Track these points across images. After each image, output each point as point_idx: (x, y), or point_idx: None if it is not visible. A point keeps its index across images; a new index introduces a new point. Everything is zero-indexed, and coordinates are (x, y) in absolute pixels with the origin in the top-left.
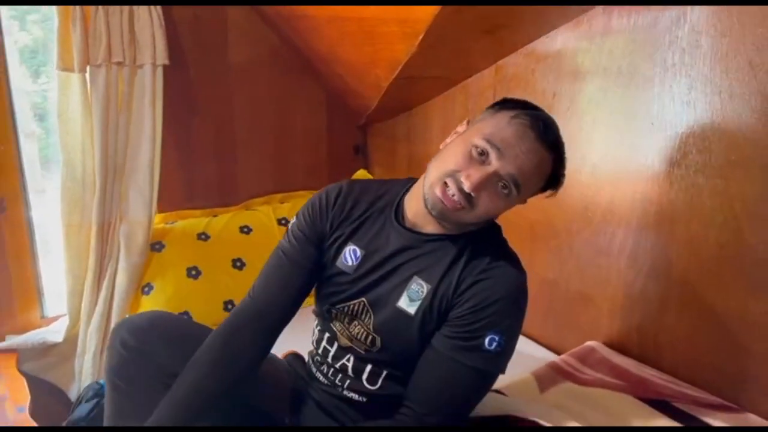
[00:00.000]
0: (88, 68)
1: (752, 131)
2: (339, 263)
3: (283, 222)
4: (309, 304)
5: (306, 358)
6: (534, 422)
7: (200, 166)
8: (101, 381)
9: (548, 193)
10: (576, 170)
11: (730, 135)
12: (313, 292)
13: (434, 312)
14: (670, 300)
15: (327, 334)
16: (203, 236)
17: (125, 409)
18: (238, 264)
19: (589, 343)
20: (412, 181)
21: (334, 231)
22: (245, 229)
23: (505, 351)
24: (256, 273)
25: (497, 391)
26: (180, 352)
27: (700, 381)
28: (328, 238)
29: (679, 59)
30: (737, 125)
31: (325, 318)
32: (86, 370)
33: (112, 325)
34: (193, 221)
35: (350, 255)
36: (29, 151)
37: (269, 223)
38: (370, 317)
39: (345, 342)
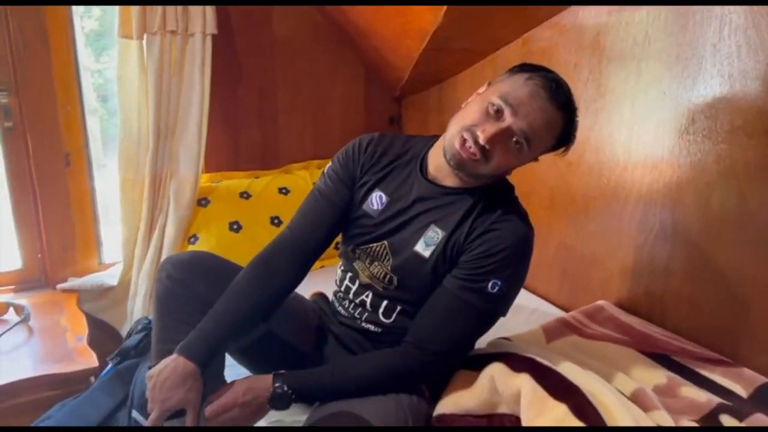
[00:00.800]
0: (145, 36)
1: (756, 99)
2: (366, 206)
3: None
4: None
5: (330, 297)
6: (530, 358)
7: (244, 131)
8: (150, 317)
9: (560, 151)
10: (593, 138)
11: (735, 102)
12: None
13: (447, 256)
14: (675, 262)
15: (349, 273)
16: (245, 195)
17: (170, 332)
18: (276, 221)
19: (599, 302)
20: (436, 138)
21: (364, 175)
22: (284, 191)
23: (506, 295)
24: None
25: (504, 338)
26: (218, 286)
27: (702, 340)
28: (358, 181)
29: (692, 33)
30: (743, 93)
31: (348, 258)
32: (137, 311)
33: None
34: (236, 181)
35: (377, 200)
36: (92, 127)
37: (306, 185)
38: (389, 259)
39: (365, 280)
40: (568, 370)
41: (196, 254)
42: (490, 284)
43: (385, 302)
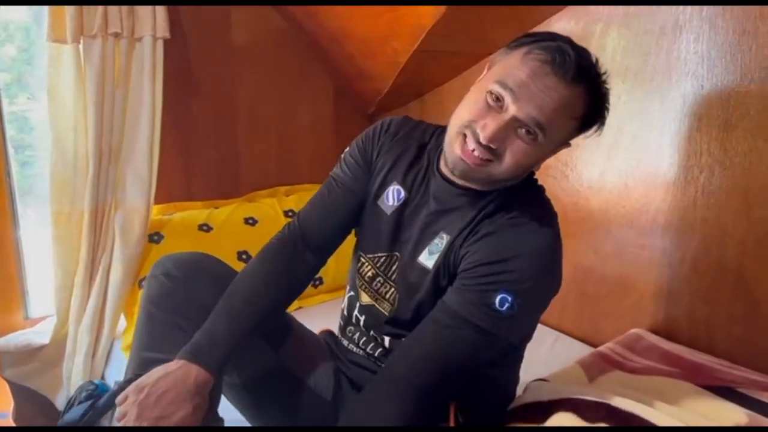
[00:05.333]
0: (81, 39)
1: None
2: (381, 202)
3: (290, 213)
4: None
5: (337, 332)
6: (603, 404)
7: (199, 154)
8: (96, 381)
9: (592, 131)
10: (611, 145)
11: None
12: None
13: (449, 265)
14: (724, 279)
15: (357, 300)
16: (205, 227)
17: (160, 334)
18: (244, 256)
19: (633, 330)
20: None
21: (379, 157)
22: (250, 221)
23: (519, 317)
24: None
25: (541, 380)
26: (220, 292)
27: (762, 365)
28: (374, 165)
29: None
30: None
31: (354, 275)
32: (76, 375)
33: (107, 323)
34: (193, 212)
35: (393, 195)
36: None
37: (275, 214)
38: (396, 274)
39: (367, 300)
40: (648, 414)
41: (200, 254)
42: (498, 298)
43: (387, 338)
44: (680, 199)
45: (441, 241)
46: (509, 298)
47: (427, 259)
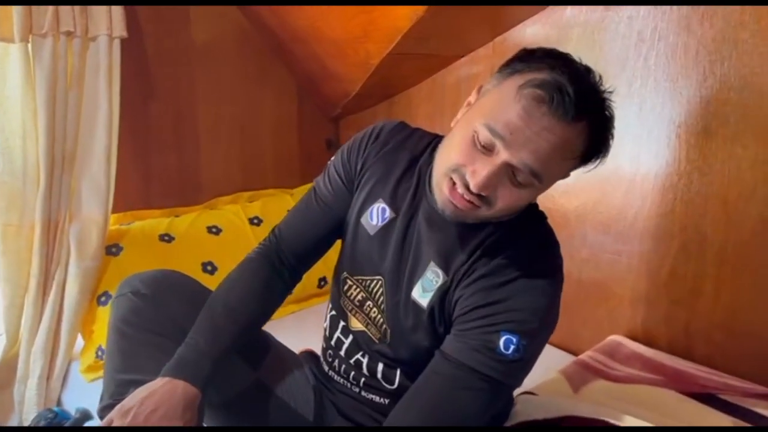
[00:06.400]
0: (30, 38)
1: None
2: (363, 219)
3: (255, 221)
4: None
5: (320, 354)
6: (604, 422)
7: (158, 159)
8: (55, 408)
9: (592, 166)
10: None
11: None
12: None
13: (443, 309)
14: (704, 283)
15: (341, 321)
16: (166, 237)
17: (135, 353)
18: (209, 268)
19: (612, 337)
20: None
21: (364, 170)
22: (214, 230)
23: (525, 360)
24: None
25: (529, 392)
26: (193, 309)
27: (741, 371)
28: (358, 179)
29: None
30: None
31: (338, 295)
32: (29, 399)
33: (62, 343)
34: (152, 221)
35: (377, 213)
36: None
37: (239, 222)
38: (383, 301)
39: (358, 325)
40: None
41: (168, 271)
42: (502, 341)
43: (381, 364)
44: (659, 205)
45: (436, 279)
46: (514, 339)
47: (421, 296)
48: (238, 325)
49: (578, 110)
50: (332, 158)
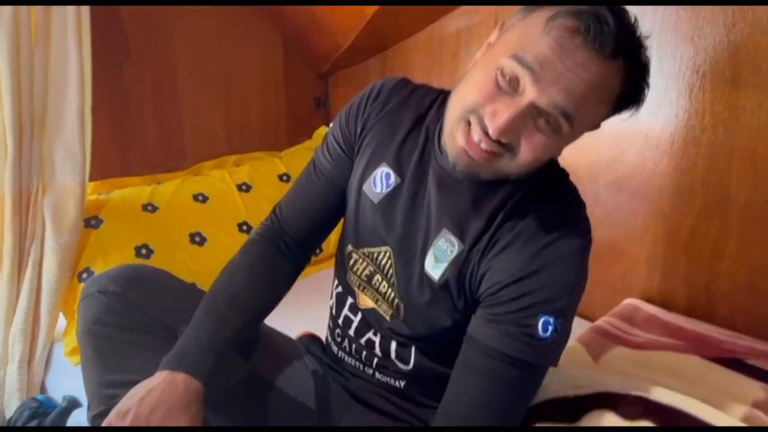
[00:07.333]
0: None
1: None
2: (366, 187)
3: (244, 188)
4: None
5: (325, 336)
6: (641, 398)
7: (136, 123)
8: (39, 396)
9: (627, 114)
10: None
11: None
12: None
13: (462, 282)
14: (726, 243)
15: (349, 298)
16: (150, 207)
17: (116, 353)
18: (197, 239)
19: (628, 300)
20: None
21: (364, 133)
22: (200, 197)
23: (562, 338)
24: (219, 250)
25: None
26: (171, 303)
27: (763, 333)
28: (358, 143)
29: None
30: None
31: (344, 270)
32: (11, 385)
33: (42, 324)
34: (133, 190)
35: (381, 179)
36: None
37: (227, 189)
38: (393, 274)
39: (368, 303)
40: (687, 405)
41: (137, 266)
42: (540, 324)
43: (394, 343)
44: (679, 161)
45: (450, 248)
46: (551, 320)
47: (433, 267)
48: (242, 315)
49: (617, 45)
50: (330, 125)
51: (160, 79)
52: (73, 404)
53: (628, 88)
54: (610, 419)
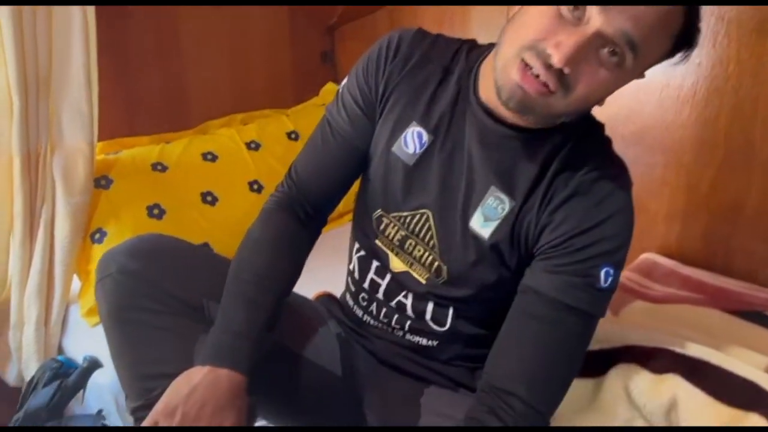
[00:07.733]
0: None
1: None
2: (397, 148)
3: (253, 146)
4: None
5: (347, 299)
6: (667, 351)
7: (140, 81)
8: (60, 357)
9: (677, 58)
10: None
11: None
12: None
13: (516, 238)
14: (749, 195)
15: (375, 261)
16: (159, 167)
17: (148, 342)
18: (209, 198)
19: (646, 255)
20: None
21: (388, 92)
22: (209, 156)
23: (615, 288)
24: (231, 209)
25: None
26: (190, 276)
27: None
28: (382, 104)
29: None
30: None
31: (368, 234)
32: (28, 347)
33: (57, 286)
34: (142, 149)
35: (414, 138)
36: None
37: (236, 147)
38: (432, 238)
39: (400, 266)
40: (717, 358)
41: (155, 238)
42: (602, 274)
43: (431, 304)
44: (701, 112)
45: (501, 205)
46: (611, 270)
47: (483, 226)
48: (272, 295)
49: None
50: (343, 82)
51: (164, 34)
52: (94, 364)
53: (687, 27)
54: (639, 373)
